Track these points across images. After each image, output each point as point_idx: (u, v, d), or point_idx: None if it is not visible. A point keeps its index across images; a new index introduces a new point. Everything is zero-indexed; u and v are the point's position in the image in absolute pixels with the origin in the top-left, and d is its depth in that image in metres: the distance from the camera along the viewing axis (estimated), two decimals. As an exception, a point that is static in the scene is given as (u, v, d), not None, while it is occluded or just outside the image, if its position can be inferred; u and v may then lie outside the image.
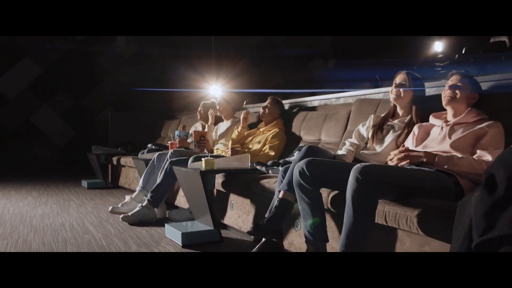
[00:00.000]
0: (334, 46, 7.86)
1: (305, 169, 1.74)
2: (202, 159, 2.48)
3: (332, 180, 1.78)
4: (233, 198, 2.74)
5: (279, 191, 2.00)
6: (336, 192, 1.83)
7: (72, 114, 7.02)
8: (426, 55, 6.95)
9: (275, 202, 2.00)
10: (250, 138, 3.35)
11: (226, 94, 4.04)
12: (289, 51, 7.34)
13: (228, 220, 2.80)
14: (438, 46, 7.14)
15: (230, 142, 3.39)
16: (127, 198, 3.48)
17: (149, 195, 3.12)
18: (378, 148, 2.19)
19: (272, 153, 3.07)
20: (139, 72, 7.04)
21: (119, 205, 3.37)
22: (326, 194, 1.85)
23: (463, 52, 5.71)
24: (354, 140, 2.32)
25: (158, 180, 3.13)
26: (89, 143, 5.61)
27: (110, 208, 3.39)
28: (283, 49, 7.38)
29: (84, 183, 5.23)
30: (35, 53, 6.82)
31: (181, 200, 3.49)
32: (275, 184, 2.23)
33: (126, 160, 4.72)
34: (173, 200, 3.61)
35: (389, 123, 2.24)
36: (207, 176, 2.51)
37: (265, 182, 2.34)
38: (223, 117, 3.85)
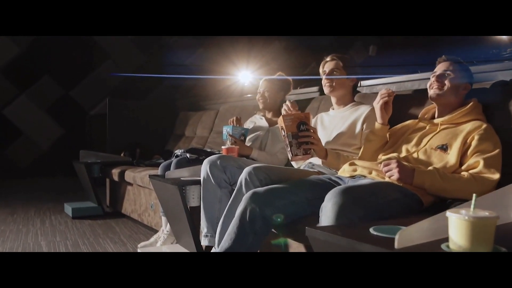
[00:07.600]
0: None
1: None
2: (450, 215, 0.62)
3: None
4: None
5: None
6: None
7: (59, 108, 5.93)
8: (491, 39, 6.44)
9: None
10: (405, 140, 1.54)
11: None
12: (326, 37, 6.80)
13: None
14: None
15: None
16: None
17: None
18: None
19: (495, 176, 1.31)
20: (148, 54, 6.17)
21: None
22: None
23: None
24: None
25: (228, 242, 1.27)
26: (81, 146, 4.20)
27: None
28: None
29: (68, 209, 3.36)
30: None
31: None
32: None
33: (135, 176, 2.87)
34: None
35: None
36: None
37: None
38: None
